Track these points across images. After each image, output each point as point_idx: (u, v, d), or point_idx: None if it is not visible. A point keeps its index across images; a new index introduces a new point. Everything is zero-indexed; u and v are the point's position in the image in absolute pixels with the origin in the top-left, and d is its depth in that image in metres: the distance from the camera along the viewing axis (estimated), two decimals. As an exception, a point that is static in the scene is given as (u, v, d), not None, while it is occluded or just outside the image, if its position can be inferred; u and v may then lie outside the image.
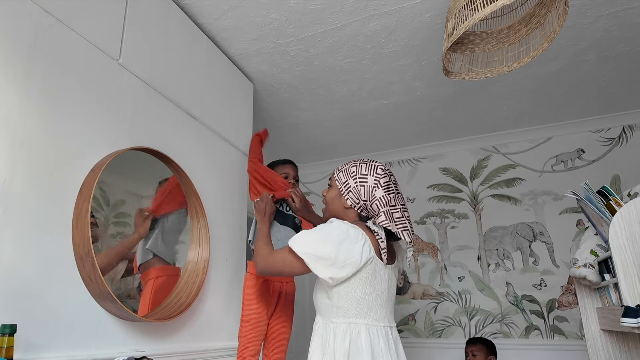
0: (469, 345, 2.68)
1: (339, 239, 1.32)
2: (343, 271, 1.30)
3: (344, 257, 1.30)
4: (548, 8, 1.55)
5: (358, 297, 1.33)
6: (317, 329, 1.38)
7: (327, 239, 1.32)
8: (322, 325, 1.37)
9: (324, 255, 1.30)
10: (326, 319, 1.36)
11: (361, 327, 1.32)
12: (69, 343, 1.21)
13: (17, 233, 1.12)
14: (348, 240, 1.32)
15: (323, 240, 1.32)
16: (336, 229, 1.35)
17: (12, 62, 1.16)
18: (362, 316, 1.33)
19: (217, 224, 1.95)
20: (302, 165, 4.02)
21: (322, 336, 1.34)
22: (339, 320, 1.33)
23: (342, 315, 1.33)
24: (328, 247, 1.30)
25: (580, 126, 3.21)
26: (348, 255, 1.31)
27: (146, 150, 1.56)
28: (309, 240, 1.34)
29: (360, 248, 1.33)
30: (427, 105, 2.93)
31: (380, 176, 1.44)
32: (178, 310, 1.56)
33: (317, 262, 1.30)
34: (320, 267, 1.30)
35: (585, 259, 1.90)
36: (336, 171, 1.52)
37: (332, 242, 1.31)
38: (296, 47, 2.25)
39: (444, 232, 3.44)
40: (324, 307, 1.38)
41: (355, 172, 1.45)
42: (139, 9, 1.66)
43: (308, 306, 3.44)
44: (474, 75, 1.75)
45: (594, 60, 2.45)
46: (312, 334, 1.41)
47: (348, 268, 1.31)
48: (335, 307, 1.34)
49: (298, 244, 1.33)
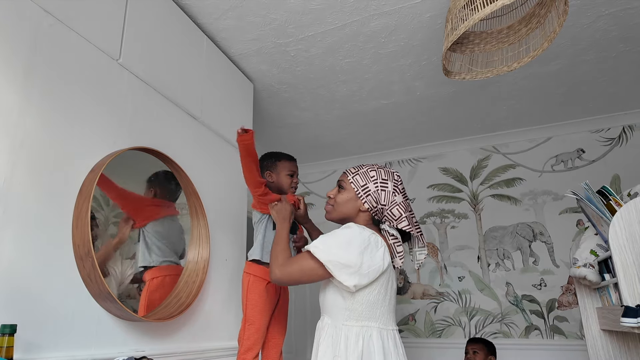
0: (470, 343, 2.69)
1: (362, 246, 1.31)
2: (366, 278, 1.30)
3: (367, 264, 1.30)
4: (548, 8, 1.55)
5: (372, 301, 1.34)
6: (325, 330, 1.36)
7: (350, 246, 1.31)
8: (332, 327, 1.35)
9: (348, 263, 1.29)
10: (336, 321, 1.35)
11: (373, 331, 1.32)
12: (69, 343, 1.21)
13: (17, 233, 1.12)
14: (370, 247, 1.33)
15: (346, 247, 1.31)
16: (358, 235, 1.34)
17: (12, 62, 1.16)
18: (374, 319, 1.34)
19: (217, 224, 1.96)
20: (302, 165, 4.01)
21: (333, 338, 1.33)
22: (351, 323, 1.32)
23: (354, 318, 1.32)
24: (352, 254, 1.29)
25: (580, 126, 3.21)
26: (371, 262, 1.31)
27: (146, 150, 1.56)
28: (331, 247, 1.32)
29: (382, 255, 1.34)
30: (427, 105, 2.93)
31: (397, 182, 1.47)
32: (178, 310, 1.56)
33: (341, 270, 1.29)
34: (345, 275, 1.28)
35: (585, 259, 1.90)
36: (350, 173, 1.49)
37: (355, 249, 1.30)
38: (296, 47, 2.25)
39: (444, 232, 3.44)
40: (334, 309, 1.36)
41: (376, 177, 1.45)
42: (139, 9, 1.66)
43: (308, 305, 3.44)
44: (474, 75, 1.75)
45: (594, 60, 2.45)
46: (317, 334, 1.40)
47: (372, 275, 1.31)
48: (348, 310, 1.33)
49: (320, 252, 1.31)
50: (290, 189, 1.86)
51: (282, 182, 1.85)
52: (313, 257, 1.32)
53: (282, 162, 1.87)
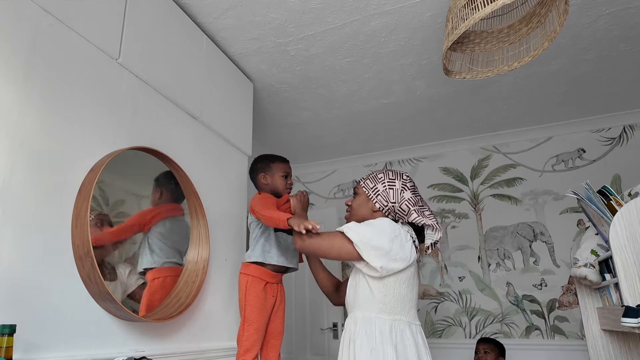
0: (481, 343, 2.70)
1: (393, 234, 1.42)
2: (394, 264, 1.40)
3: (396, 250, 1.41)
4: (548, 7, 1.55)
5: (403, 294, 1.43)
6: (358, 324, 1.42)
7: (382, 232, 1.42)
8: (365, 320, 1.41)
9: (378, 245, 1.39)
10: (368, 314, 1.42)
11: (404, 325, 1.42)
12: (69, 343, 1.21)
13: (17, 233, 1.12)
14: (400, 237, 1.44)
15: (378, 233, 1.41)
16: (389, 225, 1.45)
17: (11, 62, 1.16)
18: (404, 313, 1.43)
19: (217, 224, 1.95)
20: (302, 165, 4.01)
21: (367, 332, 1.39)
22: (383, 317, 1.40)
23: (387, 311, 1.41)
24: (383, 239, 1.40)
25: (581, 126, 3.21)
26: (400, 250, 1.42)
27: (146, 150, 1.56)
28: (363, 230, 1.42)
29: (410, 246, 1.46)
30: (428, 105, 2.93)
31: (406, 181, 1.58)
32: (178, 310, 1.56)
33: (369, 251, 1.39)
34: (372, 256, 1.38)
35: (585, 259, 1.90)
36: (362, 180, 1.62)
37: (386, 235, 1.41)
38: (296, 47, 2.24)
39: (445, 232, 3.44)
40: (367, 303, 1.43)
41: (384, 178, 1.57)
42: (139, 8, 1.65)
43: (308, 305, 3.44)
44: (474, 74, 1.74)
45: (594, 59, 2.44)
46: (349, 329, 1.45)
47: (399, 262, 1.41)
48: (380, 302, 1.41)
49: (353, 232, 1.41)
50: (285, 189, 1.87)
51: (277, 183, 1.85)
52: (344, 236, 1.43)
53: (276, 164, 1.88)
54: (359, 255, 1.41)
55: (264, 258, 1.74)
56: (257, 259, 1.74)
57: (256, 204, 1.72)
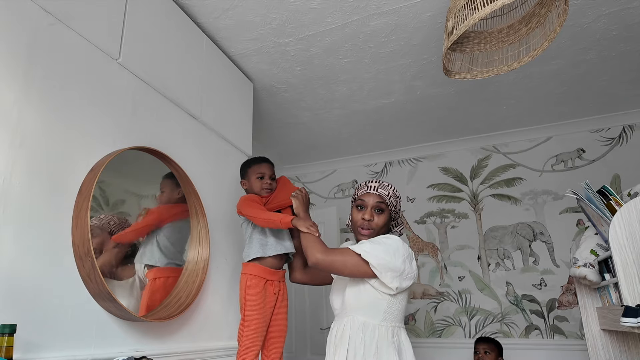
0: (480, 343, 2.69)
1: (404, 255, 1.51)
2: (406, 282, 1.50)
3: (407, 271, 1.50)
4: (548, 7, 1.55)
5: (403, 305, 1.55)
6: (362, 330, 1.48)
7: (396, 252, 1.49)
8: (370, 326, 1.48)
9: (394, 267, 1.46)
10: (371, 321, 1.49)
11: (401, 330, 1.55)
12: (69, 343, 1.21)
13: (17, 233, 1.12)
14: (410, 257, 1.55)
15: (393, 254, 1.48)
16: (402, 246, 1.53)
17: (11, 62, 1.16)
18: (400, 320, 1.55)
19: (217, 223, 1.95)
20: (302, 165, 4.01)
21: (371, 337, 1.46)
22: (387, 324, 1.50)
23: (389, 320, 1.51)
24: (398, 260, 1.48)
25: (581, 126, 3.21)
26: (410, 269, 1.52)
27: (146, 150, 1.56)
28: (379, 252, 1.47)
29: (415, 264, 1.57)
30: (427, 105, 2.93)
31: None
32: (178, 310, 1.56)
33: (386, 273, 1.46)
34: (389, 277, 1.45)
35: (585, 259, 1.90)
36: (386, 197, 1.60)
37: (400, 256, 1.49)
38: (296, 47, 2.24)
39: (444, 231, 3.44)
40: (373, 310, 1.50)
41: (400, 197, 1.67)
42: (139, 8, 1.65)
43: (308, 305, 3.44)
44: (474, 74, 1.74)
45: (594, 60, 2.44)
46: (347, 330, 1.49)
47: (409, 280, 1.52)
48: (387, 312, 1.50)
49: (370, 255, 1.46)
50: (261, 190, 1.85)
51: (254, 186, 1.86)
52: (359, 256, 1.47)
53: (251, 168, 1.90)
54: (373, 274, 1.47)
55: (263, 252, 1.74)
56: (257, 254, 1.75)
57: (242, 206, 1.77)
